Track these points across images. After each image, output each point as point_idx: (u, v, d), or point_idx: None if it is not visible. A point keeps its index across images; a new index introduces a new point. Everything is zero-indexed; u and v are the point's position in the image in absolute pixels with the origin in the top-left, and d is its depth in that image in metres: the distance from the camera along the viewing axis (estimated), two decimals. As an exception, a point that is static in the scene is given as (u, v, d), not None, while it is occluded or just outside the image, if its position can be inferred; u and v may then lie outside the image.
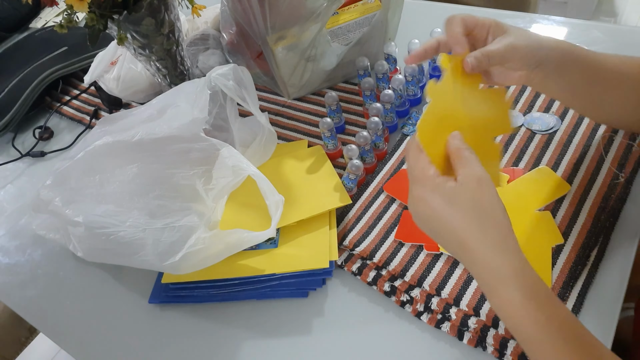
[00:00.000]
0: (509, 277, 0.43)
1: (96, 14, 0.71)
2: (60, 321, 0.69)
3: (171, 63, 0.85)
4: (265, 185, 0.62)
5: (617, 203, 0.60)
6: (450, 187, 0.45)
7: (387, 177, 0.71)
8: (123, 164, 0.66)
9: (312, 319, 0.60)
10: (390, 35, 0.87)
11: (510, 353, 0.51)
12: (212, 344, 0.61)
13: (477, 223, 0.44)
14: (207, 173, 0.65)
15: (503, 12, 0.93)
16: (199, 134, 0.65)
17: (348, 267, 0.62)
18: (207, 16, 1.02)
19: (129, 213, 0.62)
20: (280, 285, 0.62)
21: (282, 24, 0.76)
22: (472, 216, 0.44)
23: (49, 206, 0.67)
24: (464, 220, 0.44)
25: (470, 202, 0.44)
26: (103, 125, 0.74)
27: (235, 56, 0.91)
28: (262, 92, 0.91)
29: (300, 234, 0.66)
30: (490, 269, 0.44)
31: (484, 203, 0.44)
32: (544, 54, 0.52)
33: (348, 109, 0.83)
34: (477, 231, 0.44)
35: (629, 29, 0.85)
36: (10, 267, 0.77)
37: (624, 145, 0.66)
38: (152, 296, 0.66)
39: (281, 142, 0.81)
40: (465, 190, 0.45)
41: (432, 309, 0.56)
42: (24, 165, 0.94)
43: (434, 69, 0.84)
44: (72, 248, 0.67)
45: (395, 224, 0.65)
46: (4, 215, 0.85)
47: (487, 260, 0.44)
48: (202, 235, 0.59)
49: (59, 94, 1.06)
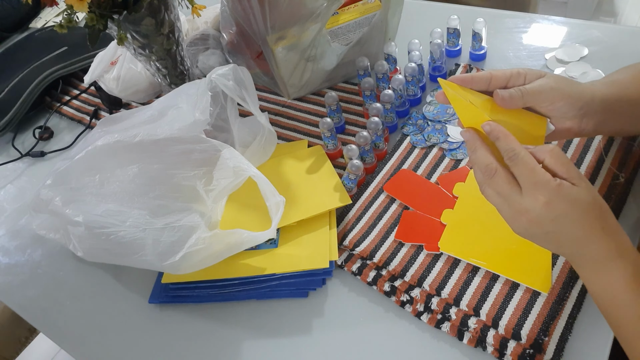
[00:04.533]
0: (625, 252, 0.45)
1: (96, 14, 0.71)
2: (60, 321, 0.69)
3: (171, 63, 0.85)
4: (265, 186, 0.62)
5: (617, 203, 0.60)
6: (573, 188, 0.45)
7: (387, 177, 0.71)
8: (123, 164, 0.66)
9: (312, 319, 0.60)
10: (390, 35, 0.87)
11: (510, 353, 0.51)
12: (212, 344, 0.61)
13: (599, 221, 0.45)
14: (207, 174, 0.65)
15: (503, 12, 0.92)
16: (200, 136, 0.65)
17: (348, 267, 0.62)
18: (207, 16, 1.02)
19: (129, 213, 0.62)
20: (280, 285, 0.62)
21: (282, 24, 0.76)
22: (595, 215, 0.45)
23: (49, 206, 0.67)
24: (587, 219, 0.45)
25: (592, 201, 0.45)
26: (103, 125, 0.74)
27: (235, 56, 0.91)
28: (262, 92, 0.91)
29: (300, 234, 0.66)
30: (607, 248, 0.45)
31: (598, 199, 0.46)
32: (586, 104, 0.52)
33: (348, 109, 0.84)
34: (597, 224, 0.45)
35: (629, 29, 0.84)
36: (10, 267, 0.77)
37: (624, 145, 0.66)
38: (152, 296, 0.66)
39: (281, 142, 0.81)
40: (587, 189, 0.45)
41: (432, 309, 0.56)
42: (24, 165, 0.94)
43: (434, 69, 0.84)
44: (72, 248, 0.67)
45: (395, 224, 0.65)
46: (4, 215, 0.85)
47: (603, 240, 0.45)
48: (202, 235, 0.59)
49: (59, 94, 1.06)
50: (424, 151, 0.73)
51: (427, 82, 0.84)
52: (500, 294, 0.55)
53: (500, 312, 0.54)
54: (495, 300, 0.55)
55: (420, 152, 0.73)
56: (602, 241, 0.45)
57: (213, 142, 0.65)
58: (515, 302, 0.54)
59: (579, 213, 0.44)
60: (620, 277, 0.45)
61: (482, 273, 0.58)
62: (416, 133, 0.76)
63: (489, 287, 0.56)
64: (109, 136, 0.67)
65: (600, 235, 0.45)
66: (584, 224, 0.45)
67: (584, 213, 0.44)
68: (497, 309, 0.54)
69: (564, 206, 0.44)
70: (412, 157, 0.73)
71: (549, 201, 0.44)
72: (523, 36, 0.87)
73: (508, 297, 0.55)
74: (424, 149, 0.73)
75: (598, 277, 0.46)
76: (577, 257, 0.47)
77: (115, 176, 0.66)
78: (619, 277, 0.45)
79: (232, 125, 0.73)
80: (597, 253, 0.45)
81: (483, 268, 0.58)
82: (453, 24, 0.82)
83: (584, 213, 0.44)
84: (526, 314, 0.53)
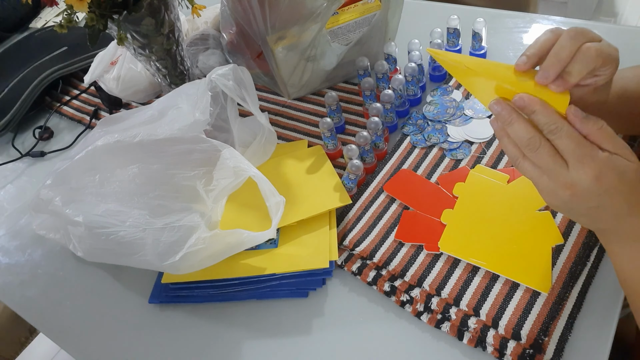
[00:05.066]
0: None
1: (96, 14, 0.71)
2: (60, 321, 0.69)
3: (171, 63, 0.85)
4: (265, 186, 0.62)
5: (617, 203, 0.60)
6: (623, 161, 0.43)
7: (387, 177, 0.71)
8: (123, 164, 0.66)
9: (312, 319, 0.60)
10: (390, 35, 0.87)
11: (510, 353, 0.51)
12: (212, 344, 0.61)
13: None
14: (207, 174, 0.65)
15: (503, 12, 0.92)
16: (200, 136, 0.65)
17: (348, 267, 0.62)
18: (207, 16, 1.02)
19: (129, 213, 0.62)
20: (280, 285, 0.62)
21: (282, 24, 0.76)
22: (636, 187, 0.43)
23: (49, 206, 0.67)
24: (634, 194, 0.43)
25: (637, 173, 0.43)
26: (104, 125, 0.74)
27: (235, 56, 0.91)
28: (262, 92, 0.91)
29: (300, 234, 0.66)
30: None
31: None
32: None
33: (348, 109, 0.84)
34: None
35: (629, 29, 0.84)
36: (10, 267, 0.77)
37: (624, 145, 0.66)
38: (152, 296, 0.66)
39: (281, 142, 0.81)
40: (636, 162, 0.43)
41: (432, 309, 0.56)
42: (24, 165, 0.94)
43: (434, 69, 0.84)
44: (72, 248, 0.67)
45: (395, 223, 0.65)
46: (4, 215, 0.85)
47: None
48: (202, 235, 0.59)
49: (59, 94, 1.06)
50: (424, 151, 0.73)
51: (427, 82, 0.84)
52: (500, 294, 0.55)
53: (500, 312, 0.54)
54: (495, 300, 0.55)
55: (420, 152, 0.73)
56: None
57: (213, 142, 0.65)
58: (515, 302, 0.54)
59: (628, 187, 0.42)
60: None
61: (482, 273, 0.58)
62: (416, 133, 0.76)
63: (489, 287, 0.56)
64: (109, 136, 0.67)
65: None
66: (631, 198, 0.43)
67: (632, 187, 0.43)
68: (497, 309, 0.54)
69: (613, 179, 0.42)
70: (412, 157, 0.73)
71: (598, 174, 0.41)
72: (523, 36, 0.87)
73: (508, 297, 0.55)
74: (424, 149, 0.73)
75: (632, 253, 0.45)
76: (613, 232, 0.45)
77: (115, 176, 0.66)
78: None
79: (232, 125, 0.73)
80: (637, 229, 0.44)
81: (483, 268, 0.58)
82: (453, 24, 0.82)
83: (633, 187, 0.43)
84: (526, 314, 0.53)
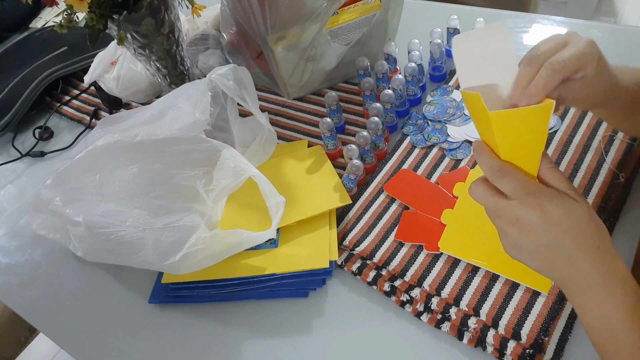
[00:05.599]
0: (624, 278, 0.42)
1: (96, 14, 0.71)
2: (60, 321, 0.69)
3: (171, 63, 0.85)
4: (266, 186, 0.62)
5: (617, 203, 0.60)
6: (570, 200, 0.41)
7: (387, 177, 0.71)
8: (124, 164, 0.66)
9: (312, 319, 0.60)
10: (390, 35, 0.87)
11: (510, 353, 0.51)
12: (212, 344, 0.61)
13: (595, 239, 0.42)
14: (208, 174, 0.65)
15: (503, 12, 0.92)
16: (200, 136, 0.65)
17: (348, 267, 0.62)
18: (207, 16, 1.02)
19: (129, 213, 0.62)
20: (280, 285, 0.62)
21: (282, 24, 0.76)
22: (591, 233, 0.42)
23: (49, 206, 0.67)
24: (582, 235, 0.42)
25: (589, 218, 0.42)
26: (104, 125, 0.74)
27: (235, 56, 0.91)
28: (262, 92, 0.91)
29: (300, 234, 0.66)
30: (602, 272, 0.41)
31: (595, 217, 0.42)
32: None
33: (348, 109, 0.83)
34: (593, 243, 0.42)
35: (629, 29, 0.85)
36: (10, 267, 0.77)
37: (624, 145, 0.66)
38: (152, 296, 0.66)
39: (281, 142, 0.81)
40: (585, 204, 0.42)
41: (432, 309, 0.56)
42: (24, 165, 0.94)
43: (434, 69, 0.84)
44: (72, 248, 0.67)
45: (395, 223, 0.65)
46: (4, 215, 0.85)
47: (598, 261, 0.41)
48: (202, 235, 0.59)
49: (59, 94, 1.06)
50: (424, 151, 0.73)
51: (427, 82, 0.84)
52: (500, 294, 0.55)
53: (500, 312, 0.54)
54: (495, 300, 0.55)
55: (420, 152, 0.73)
56: (597, 262, 0.41)
57: (213, 142, 0.65)
58: (515, 302, 0.54)
59: (575, 227, 0.41)
60: (619, 306, 0.41)
61: (482, 273, 0.58)
62: (416, 133, 0.76)
63: (488, 287, 0.56)
64: (109, 136, 0.67)
65: (595, 255, 0.41)
66: (579, 239, 0.41)
67: (579, 228, 0.41)
68: (497, 309, 0.54)
69: (559, 214, 0.40)
70: (412, 157, 0.73)
71: (544, 208, 0.40)
72: (523, 36, 0.87)
73: (508, 297, 0.55)
74: (424, 149, 0.73)
75: (594, 305, 0.43)
76: (571, 280, 0.43)
77: (115, 176, 0.66)
78: (619, 307, 0.41)
79: (232, 125, 0.73)
80: (593, 276, 0.42)
81: (483, 268, 0.58)
82: (453, 24, 0.82)
83: (580, 228, 0.41)
84: (526, 314, 0.53)
